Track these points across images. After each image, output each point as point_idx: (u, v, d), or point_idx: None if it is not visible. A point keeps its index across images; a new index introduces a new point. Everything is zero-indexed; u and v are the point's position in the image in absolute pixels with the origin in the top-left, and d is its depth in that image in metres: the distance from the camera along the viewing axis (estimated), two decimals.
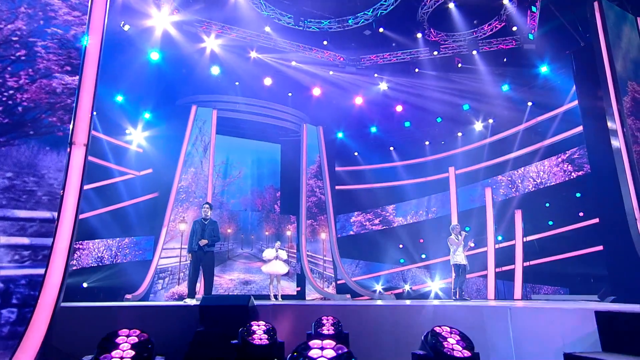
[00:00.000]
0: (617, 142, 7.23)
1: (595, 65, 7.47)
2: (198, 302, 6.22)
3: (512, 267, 12.09)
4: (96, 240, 10.77)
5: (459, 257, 8.48)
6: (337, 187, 14.38)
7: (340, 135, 14.88)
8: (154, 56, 10.98)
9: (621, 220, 7.29)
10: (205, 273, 7.10)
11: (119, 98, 11.37)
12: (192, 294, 6.90)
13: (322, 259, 12.93)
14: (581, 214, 10.85)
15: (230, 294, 4.32)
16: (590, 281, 10.92)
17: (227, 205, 12.64)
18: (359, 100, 13.79)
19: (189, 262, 7.25)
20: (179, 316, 5.00)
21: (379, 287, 13.32)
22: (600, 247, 9.33)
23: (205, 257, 7.08)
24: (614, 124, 7.24)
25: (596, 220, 9.35)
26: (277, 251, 10.58)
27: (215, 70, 11.90)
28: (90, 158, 10.44)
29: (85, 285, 9.81)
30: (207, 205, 7.39)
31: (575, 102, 9.91)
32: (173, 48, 10.96)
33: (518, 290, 11.63)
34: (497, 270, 12.40)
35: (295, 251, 12.80)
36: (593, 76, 7.65)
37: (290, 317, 4.87)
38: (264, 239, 12.60)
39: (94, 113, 10.64)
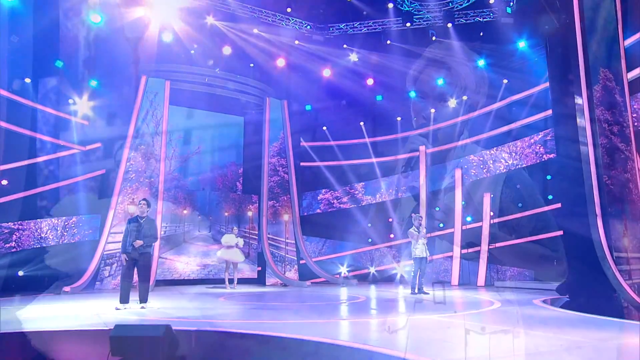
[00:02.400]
0: (584, 133, 6.78)
1: (568, 49, 6.86)
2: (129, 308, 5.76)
3: (478, 249, 11.95)
4: (38, 219, 10.06)
5: (419, 249, 8.15)
6: (303, 164, 13.77)
7: (308, 108, 14.08)
8: (95, 19, 9.85)
9: (582, 214, 6.96)
10: (141, 276, 6.52)
11: (59, 63, 10.29)
12: (124, 299, 6.34)
13: (284, 242, 12.51)
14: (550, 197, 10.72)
15: (147, 323, 3.66)
16: (553, 264, 10.93)
17: (184, 183, 11.94)
18: (327, 73, 12.94)
19: (123, 263, 6.62)
20: (89, 344, 4.43)
21: (344, 269, 13.07)
22: None
23: (141, 259, 6.45)
24: (582, 114, 6.76)
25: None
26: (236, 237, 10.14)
27: (167, 36, 10.83)
28: (24, 131, 9.77)
29: (21, 273, 9.16)
30: (143, 202, 6.64)
31: None
32: (116, 9, 9.82)
33: (482, 276, 11.54)
34: (463, 251, 12.27)
35: (257, 232, 12.34)
36: (565, 61, 7.09)
37: (207, 349, 4.36)
38: (223, 221, 12.03)
39: (26, 80, 9.82)
